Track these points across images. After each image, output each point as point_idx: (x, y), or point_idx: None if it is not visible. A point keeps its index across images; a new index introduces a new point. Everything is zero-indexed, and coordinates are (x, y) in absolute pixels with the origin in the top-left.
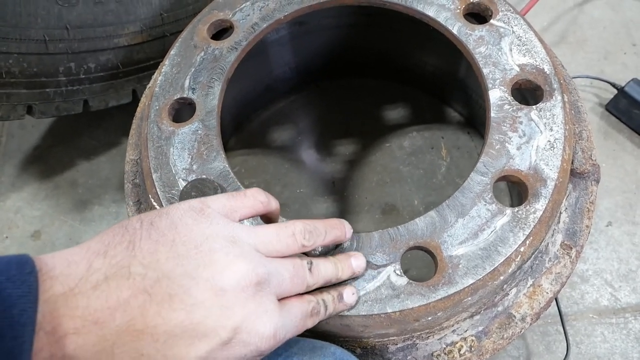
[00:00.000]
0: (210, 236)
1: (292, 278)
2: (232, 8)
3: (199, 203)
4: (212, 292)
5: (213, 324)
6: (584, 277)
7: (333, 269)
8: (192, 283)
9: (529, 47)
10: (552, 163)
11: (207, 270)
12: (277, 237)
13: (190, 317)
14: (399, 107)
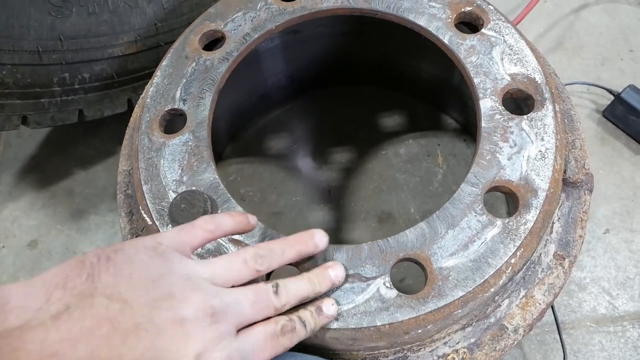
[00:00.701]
0: (166, 273)
1: (253, 304)
2: (224, 19)
3: (151, 240)
4: (174, 321)
5: (177, 351)
6: (582, 285)
7: (306, 285)
8: (155, 312)
9: (520, 56)
10: (543, 173)
11: (167, 301)
12: (229, 267)
13: (156, 345)
14: (395, 115)
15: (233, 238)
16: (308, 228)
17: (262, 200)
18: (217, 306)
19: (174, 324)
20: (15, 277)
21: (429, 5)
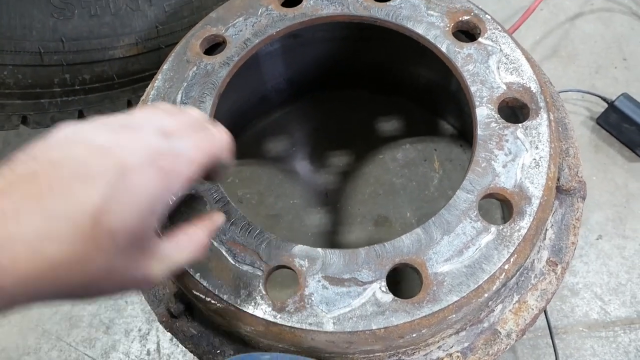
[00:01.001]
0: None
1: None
2: (225, 23)
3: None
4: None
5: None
6: (574, 291)
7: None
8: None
9: (516, 65)
10: (537, 181)
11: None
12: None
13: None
14: (393, 119)
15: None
16: (305, 231)
17: (260, 203)
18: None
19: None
20: None
21: (428, 13)
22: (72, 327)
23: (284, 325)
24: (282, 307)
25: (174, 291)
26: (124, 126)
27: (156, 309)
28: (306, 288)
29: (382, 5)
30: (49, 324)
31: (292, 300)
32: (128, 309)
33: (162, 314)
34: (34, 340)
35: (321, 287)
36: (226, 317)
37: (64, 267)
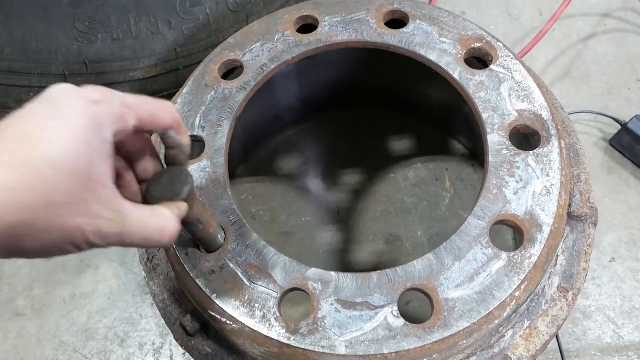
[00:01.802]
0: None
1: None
2: (243, 49)
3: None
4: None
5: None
6: (587, 314)
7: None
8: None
9: (527, 92)
10: (548, 209)
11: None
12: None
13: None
14: (404, 139)
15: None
16: (317, 248)
17: (273, 220)
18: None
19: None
20: (31, 287)
21: (440, 40)
22: (89, 340)
23: (297, 347)
24: (295, 329)
25: (190, 310)
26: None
27: (172, 326)
28: (319, 311)
29: (395, 32)
30: (66, 335)
31: (306, 322)
32: (142, 322)
33: (178, 331)
34: (52, 352)
35: (334, 310)
36: (241, 337)
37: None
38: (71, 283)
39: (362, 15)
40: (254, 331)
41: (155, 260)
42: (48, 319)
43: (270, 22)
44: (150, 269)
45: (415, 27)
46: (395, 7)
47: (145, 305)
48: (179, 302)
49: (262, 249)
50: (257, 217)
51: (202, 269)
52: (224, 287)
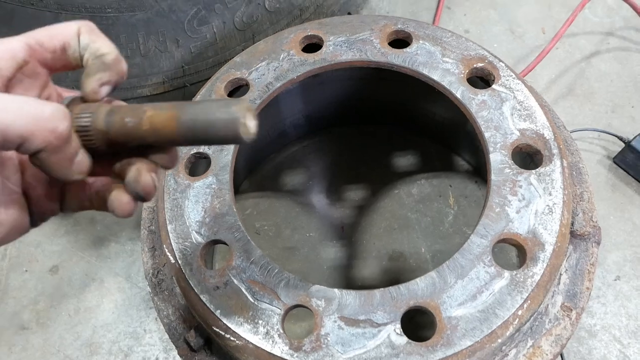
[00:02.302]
0: None
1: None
2: (249, 67)
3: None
4: None
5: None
6: (592, 332)
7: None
8: None
9: (529, 112)
10: (550, 227)
11: None
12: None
13: None
14: (408, 155)
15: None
16: (321, 264)
17: (277, 235)
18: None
19: None
20: (36, 301)
21: (443, 60)
22: (93, 354)
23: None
24: (299, 346)
25: (194, 325)
26: None
27: (176, 342)
28: (322, 328)
29: (399, 51)
30: (70, 349)
31: (309, 339)
32: (146, 337)
33: (182, 347)
34: None
35: (337, 327)
36: (244, 353)
37: None
38: (76, 297)
39: (366, 35)
40: (258, 347)
41: (160, 275)
42: (53, 332)
43: (275, 42)
44: (155, 284)
45: (419, 46)
46: (399, 27)
47: (149, 319)
48: (183, 318)
49: (266, 265)
50: (262, 232)
51: (206, 285)
52: (228, 303)
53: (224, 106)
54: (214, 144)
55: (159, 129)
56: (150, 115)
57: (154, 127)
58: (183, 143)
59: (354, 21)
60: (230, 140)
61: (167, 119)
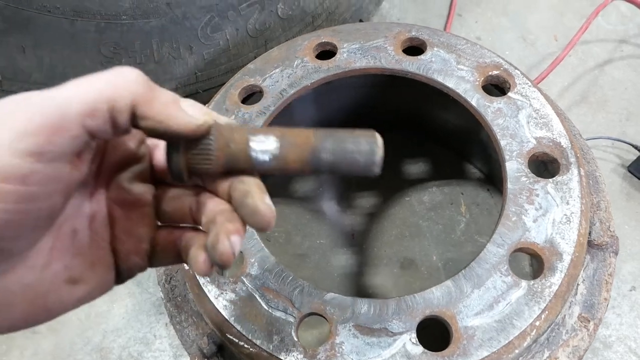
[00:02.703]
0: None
1: None
2: (262, 74)
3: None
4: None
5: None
6: (607, 344)
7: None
8: None
9: (545, 120)
10: (568, 237)
11: None
12: None
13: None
14: (420, 162)
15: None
16: (331, 271)
17: (287, 242)
18: None
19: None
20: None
21: (458, 68)
22: (103, 359)
23: None
24: (313, 355)
25: (207, 332)
26: None
27: (188, 348)
28: (337, 336)
29: (413, 59)
30: (80, 354)
31: (324, 348)
32: (156, 342)
33: (194, 354)
34: None
35: (352, 336)
36: None
37: None
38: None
39: (380, 42)
40: (272, 355)
41: (173, 281)
42: (63, 337)
43: (289, 49)
44: (168, 290)
45: (433, 54)
46: (413, 34)
47: (160, 325)
48: (196, 324)
49: (280, 273)
50: (272, 238)
51: (220, 292)
52: (242, 310)
53: (359, 136)
54: (341, 174)
55: (291, 157)
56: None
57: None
58: (308, 172)
59: (367, 28)
60: (361, 171)
61: (302, 144)
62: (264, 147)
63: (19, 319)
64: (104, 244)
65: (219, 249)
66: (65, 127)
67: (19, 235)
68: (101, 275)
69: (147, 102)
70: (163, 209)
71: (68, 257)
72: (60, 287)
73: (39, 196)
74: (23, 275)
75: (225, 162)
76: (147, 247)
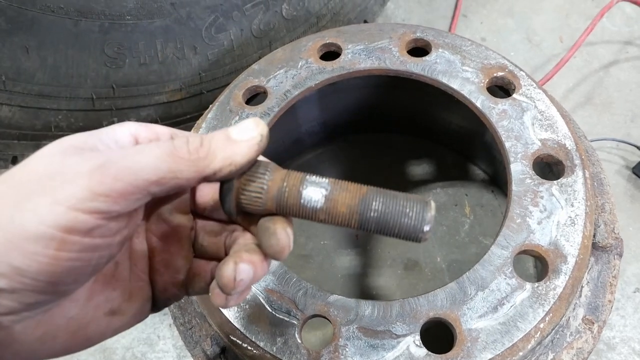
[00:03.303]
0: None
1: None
2: (267, 75)
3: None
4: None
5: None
6: (611, 345)
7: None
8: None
9: (550, 122)
10: (572, 239)
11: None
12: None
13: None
14: (424, 163)
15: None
16: (335, 272)
17: None
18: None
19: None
20: None
21: (462, 69)
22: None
23: None
24: (317, 357)
25: (210, 334)
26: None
27: (192, 350)
28: (340, 338)
29: (418, 60)
30: (84, 354)
31: (327, 350)
32: (160, 343)
33: (197, 355)
34: None
35: (355, 338)
36: None
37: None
38: None
39: (385, 43)
40: (275, 357)
41: None
42: None
43: (293, 49)
44: None
45: (438, 55)
46: (418, 35)
47: (163, 326)
48: (200, 326)
49: (283, 275)
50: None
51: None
52: (245, 312)
53: (413, 200)
54: (386, 234)
55: (340, 207)
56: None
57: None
58: (355, 225)
59: (372, 29)
60: (408, 235)
61: (352, 197)
62: (315, 197)
63: (60, 349)
64: (143, 276)
65: (222, 271)
66: (134, 192)
67: (77, 280)
68: (139, 306)
69: (208, 166)
70: (200, 243)
71: (109, 290)
72: (100, 318)
73: (100, 246)
74: (68, 308)
75: (275, 207)
76: (183, 278)
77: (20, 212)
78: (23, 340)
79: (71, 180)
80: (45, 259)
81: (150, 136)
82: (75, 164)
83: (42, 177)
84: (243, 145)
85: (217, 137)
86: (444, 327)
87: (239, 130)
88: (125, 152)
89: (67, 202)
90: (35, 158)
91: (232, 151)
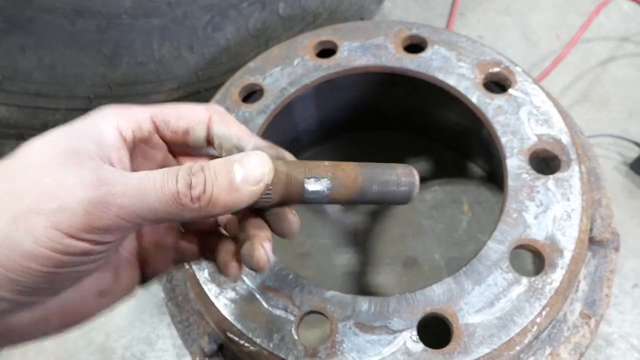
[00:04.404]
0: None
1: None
2: (263, 73)
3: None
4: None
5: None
6: (609, 341)
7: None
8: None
9: (546, 117)
10: (569, 233)
11: None
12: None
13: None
14: (422, 161)
15: (270, 286)
16: (334, 271)
17: (289, 241)
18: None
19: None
20: None
21: (458, 65)
22: (106, 359)
23: None
24: (314, 353)
25: (207, 331)
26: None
27: (190, 347)
28: (337, 334)
29: (413, 56)
30: (83, 354)
31: (324, 346)
32: (159, 342)
33: (195, 353)
34: None
35: (352, 333)
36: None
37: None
38: None
39: (381, 40)
40: (272, 354)
41: (174, 281)
42: (66, 338)
43: (290, 47)
44: (170, 289)
45: (434, 51)
46: (414, 32)
47: (162, 325)
48: (197, 323)
49: (280, 272)
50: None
51: (220, 291)
52: (242, 309)
53: (398, 168)
54: (382, 203)
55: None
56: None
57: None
58: (355, 202)
59: (368, 26)
60: (400, 201)
61: (351, 184)
62: (317, 188)
63: (52, 330)
64: (130, 257)
65: (256, 256)
66: (131, 228)
67: (74, 282)
68: (126, 284)
69: (209, 212)
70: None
71: (99, 273)
72: (91, 299)
73: (96, 258)
74: (61, 295)
75: (280, 201)
76: (173, 255)
77: (18, 229)
78: (15, 325)
79: (70, 209)
80: (41, 273)
81: (133, 127)
82: (74, 185)
83: (40, 193)
84: (246, 192)
85: (221, 182)
86: (441, 322)
87: (244, 175)
88: (126, 187)
89: (65, 229)
90: (30, 161)
91: (235, 200)
